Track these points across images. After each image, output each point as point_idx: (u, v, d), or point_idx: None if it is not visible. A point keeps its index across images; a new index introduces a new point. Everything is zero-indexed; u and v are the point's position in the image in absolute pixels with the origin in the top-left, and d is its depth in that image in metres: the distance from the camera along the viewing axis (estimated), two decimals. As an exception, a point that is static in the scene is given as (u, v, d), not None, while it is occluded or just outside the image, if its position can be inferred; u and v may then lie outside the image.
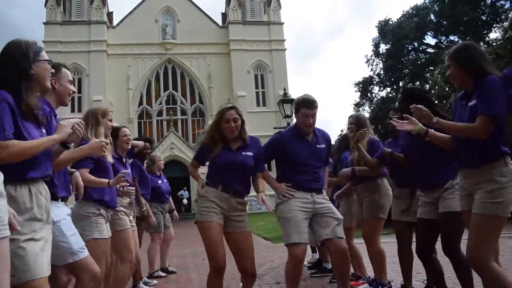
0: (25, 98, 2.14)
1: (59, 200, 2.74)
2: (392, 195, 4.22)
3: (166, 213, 6.45)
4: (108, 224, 3.62)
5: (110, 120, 3.76)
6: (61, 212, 2.71)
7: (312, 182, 3.60)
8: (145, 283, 5.63)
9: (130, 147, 4.67)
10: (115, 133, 4.43)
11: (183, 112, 36.58)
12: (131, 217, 4.45)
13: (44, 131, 2.33)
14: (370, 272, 4.71)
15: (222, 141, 3.43)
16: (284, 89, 14.78)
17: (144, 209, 5.52)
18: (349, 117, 4.55)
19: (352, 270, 4.85)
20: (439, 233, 3.31)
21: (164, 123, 35.71)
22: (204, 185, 3.42)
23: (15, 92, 2.12)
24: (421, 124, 2.86)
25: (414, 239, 3.85)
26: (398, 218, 3.94)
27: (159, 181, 6.28)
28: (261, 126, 34.23)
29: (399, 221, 3.93)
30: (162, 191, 6.28)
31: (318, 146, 3.68)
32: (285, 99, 13.56)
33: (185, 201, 29.65)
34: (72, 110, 33.42)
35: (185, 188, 30.97)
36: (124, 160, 4.50)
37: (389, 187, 4.29)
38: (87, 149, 2.83)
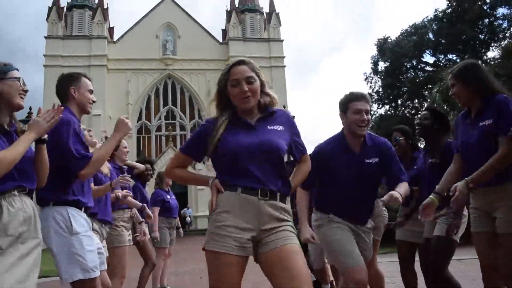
0: None
1: (82, 210, 2.68)
2: (387, 216, 4.21)
3: (173, 229, 6.38)
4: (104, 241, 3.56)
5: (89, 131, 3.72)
6: (84, 223, 2.64)
7: (356, 214, 2.99)
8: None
9: (127, 158, 4.65)
10: None
11: (182, 128, 36.58)
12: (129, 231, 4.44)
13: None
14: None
15: (232, 114, 2.23)
16: (284, 106, 14.77)
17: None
18: None
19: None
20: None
21: (163, 138, 35.69)
22: (218, 188, 2.12)
23: None
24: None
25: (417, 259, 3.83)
26: (403, 239, 3.87)
27: (168, 196, 6.30)
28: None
29: (403, 241, 3.86)
30: (171, 206, 6.26)
31: (367, 160, 2.93)
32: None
33: (188, 219, 29.21)
34: (71, 124, 33.38)
35: (188, 206, 30.72)
36: (123, 170, 4.50)
37: (384, 208, 4.24)
38: (118, 135, 2.75)
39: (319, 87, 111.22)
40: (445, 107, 20.35)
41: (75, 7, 35.38)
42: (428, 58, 34.99)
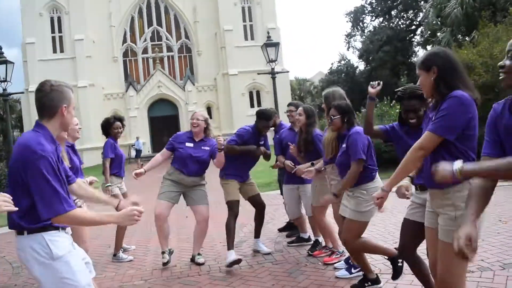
0: None
1: (60, 229, 2.35)
2: None
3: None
4: None
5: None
6: (65, 244, 2.34)
7: None
8: (125, 250, 5.73)
9: (79, 136, 4.39)
10: None
11: (169, 49, 35.54)
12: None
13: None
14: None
15: None
16: (268, 33, 14.06)
17: (109, 184, 5.50)
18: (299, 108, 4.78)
19: (324, 244, 4.96)
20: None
21: (150, 60, 34.80)
22: None
23: None
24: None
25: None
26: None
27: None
28: (250, 61, 33.48)
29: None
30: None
31: None
32: (269, 43, 12.85)
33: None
34: (54, 51, 32.34)
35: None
36: (75, 147, 4.36)
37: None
38: (116, 221, 2.39)
39: (310, 3, 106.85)
40: (438, 23, 19.67)
41: None
42: (424, -35, 33.27)
